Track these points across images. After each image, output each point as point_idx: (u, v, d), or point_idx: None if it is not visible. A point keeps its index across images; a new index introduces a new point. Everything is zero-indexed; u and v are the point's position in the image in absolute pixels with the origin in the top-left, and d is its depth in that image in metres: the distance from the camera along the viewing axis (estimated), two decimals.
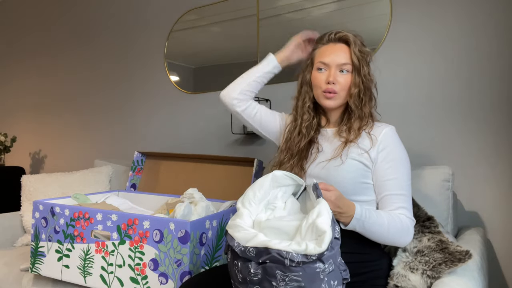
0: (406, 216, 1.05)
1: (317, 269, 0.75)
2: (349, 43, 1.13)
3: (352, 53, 1.12)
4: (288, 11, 1.96)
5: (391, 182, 1.07)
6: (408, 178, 1.10)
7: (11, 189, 2.60)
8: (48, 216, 1.40)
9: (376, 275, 1.05)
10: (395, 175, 1.08)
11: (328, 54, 1.14)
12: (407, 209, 1.07)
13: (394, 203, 1.06)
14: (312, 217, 0.82)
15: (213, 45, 2.20)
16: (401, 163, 1.09)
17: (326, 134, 1.19)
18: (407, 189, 1.08)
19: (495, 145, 1.52)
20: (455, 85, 1.59)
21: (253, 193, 0.94)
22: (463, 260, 0.98)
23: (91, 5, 2.78)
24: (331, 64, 1.13)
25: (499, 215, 1.51)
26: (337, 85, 1.12)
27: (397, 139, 1.13)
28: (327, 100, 1.14)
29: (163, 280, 1.17)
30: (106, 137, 2.67)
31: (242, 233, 0.84)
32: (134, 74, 2.54)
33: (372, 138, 1.11)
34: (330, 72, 1.12)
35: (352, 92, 1.12)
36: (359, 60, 1.12)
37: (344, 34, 1.14)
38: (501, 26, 1.52)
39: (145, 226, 1.20)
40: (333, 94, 1.12)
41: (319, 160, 1.14)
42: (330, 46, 1.15)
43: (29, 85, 3.15)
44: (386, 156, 1.09)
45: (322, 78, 1.14)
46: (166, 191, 1.84)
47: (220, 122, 2.18)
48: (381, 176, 1.08)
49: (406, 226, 1.04)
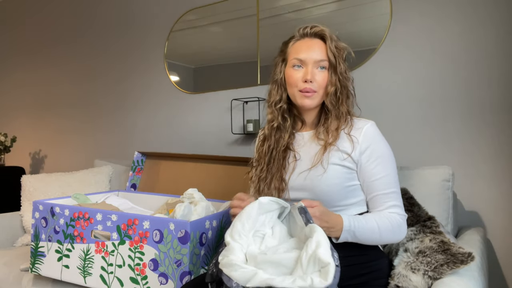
0: (398, 214, 1.04)
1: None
2: (325, 38, 1.07)
3: (328, 49, 1.06)
4: (288, 11, 1.96)
5: (380, 181, 1.04)
6: (395, 173, 1.06)
7: (11, 189, 2.60)
8: (48, 216, 1.40)
9: (376, 276, 1.05)
10: (382, 174, 1.04)
11: (304, 50, 1.06)
12: (398, 206, 1.05)
13: (385, 203, 1.04)
14: (312, 247, 0.79)
15: (213, 45, 2.20)
16: (386, 159, 1.06)
17: (303, 139, 1.13)
18: (396, 185, 1.06)
19: (495, 145, 1.52)
20: (455, 85, 1.59)
21: (242, 225, 0.90)
22: (465, 262, 0.98)
23: (91, 5, 2.78)
24: (307, 61, 1.06)
25: (499, 215, 1.51)
26: (314, 83, 1.05)
27: (378, 134, 1.07)
28: (305, 99, 1.06)
29: (163, 280, 1.17)
30: (106, 137, 2.67)
31: (240, 272, 0.78)
32: (134, 74, 2.54)
33: (352, 139, 1.05)
34: (307, 70, 1.05)
35: (329, 91, 1.06)
36: (335, 57, 1.06)
37: (320, 28, 1.08)
38: (501, 26, 1.52)
39: (145, 226, 1.20)
40: (311, 93, 1.06)
41: (299, 169, 1.08)
42: (306, 41, 1.08)
43: (29, 85, 3.15)
44: (370, 156, 1.05)
45: (298, 76, 1.06)
46: (166, 191, 1.84)
47: (220, 122, 2.18)
48: (369, 177, 1.05)
49: (397, 224, 1.02)
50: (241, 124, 2.09)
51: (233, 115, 2.11)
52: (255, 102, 2.03)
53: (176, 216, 1.24)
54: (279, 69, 1.12)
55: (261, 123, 2.01)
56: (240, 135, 2.10)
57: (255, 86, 2.05)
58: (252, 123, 1.97)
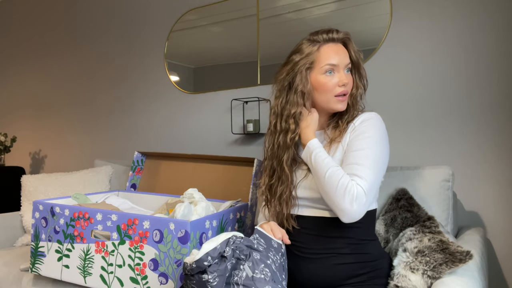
0: (355, 182, 0.95)
1: (203, 279, 0.86)
2: (347, 42, 1.10)
3: (351, 52, 1.09)
4: (288, 11, 1.96)
5: (356, 153, 0.99)
6: (379, 156, 0.99)
7: (11, 189, 2.60)
8: (48, 216, 1.40)
9: (376, 275, 1.05)
10: (362, 147, 0.99)
11: (333, 55, 1.06)
12: (362, 178, 0.96)
13: (351, 171, 0.97)
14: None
15: (213, 45, 2.20)
16: (374, 140, 1.00)
17: None
18: (373, 163, 0.98)
19: (495, 145, 1.52)
20: (455, 85, 1.59)
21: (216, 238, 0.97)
22: (463, 261, 0.98)
23: (91, 5, 2.78)
24: (340, 65, 1.06)
25: (499, 215, 1.51)
26: (347, 86, 1.08)
27: (376, 122, 1.04)
28: (340, 104, 1.07)
29: (163, 280, 1.17)
30: (106, 137, 2.67)
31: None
32: (134, 74, 2.54)
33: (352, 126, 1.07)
34: (341, 74, 1.06)
35: (354, 92, 1.10)
36: (358, 59, 1.10)
37: (345, 33, 1.09)
38: (501, 25, 1.52)
39: (145, 226, 1.20)
40: (345, 97, 1.08)
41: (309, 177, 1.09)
42: (331, 46, 1.07)
43: (29, 85, 3.15)
44: (359, 133, 1.03)
45: (334, 81, 1.05)
46: (166, 191, 1.84)
47: (220, 122, 2.18)
48: (349, 148, 1.02)
49: (344, 184, 0.94)
50: (241, 124, 2.09)
51: (233, 115, 2.11)
52: (255, 102, 2.04)
53: (176, 216, 1.24)
54: (303, 78, 1.07)
55: (261, 123, 2.01)
56: (240, 135, 2.10)
57: (255, 86, 2.05)
58: (252, 123, 1.97)
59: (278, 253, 1.02)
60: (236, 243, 0.92)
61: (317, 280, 1.04)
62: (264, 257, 0.95)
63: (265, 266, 0.93)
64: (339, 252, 1.04)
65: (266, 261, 0.95)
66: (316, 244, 1.06)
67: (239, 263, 0.92)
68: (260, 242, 1.00)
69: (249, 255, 0.93)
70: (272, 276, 0.93)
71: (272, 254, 0.99)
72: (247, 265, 0.91)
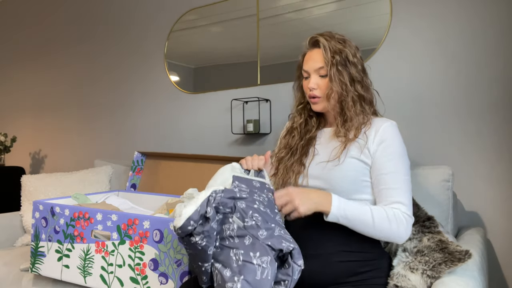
0: (400, 210, 1.02)
1: (191, 241, 0.88)
2: (320, 45, 1.12)
3: (323, 57, 1.11)
4: (288, 11, 1.96)
5: (388, 176, 1.05)
6: (407, 173, 1.07)
7: (11, 189, 2.60)
8: (48, 216, 1.40)
9: (376, 275, 1.05)
10: (392, 169, 1.06)
11: (306, 61, 1.16)
12: (403, 203, 1.03)
13: (389, 198, 1.04)
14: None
15: (213, 45, 2.20)
16: (399, 157, 1.08)
17: (325, 134, 1.20)
18: (405, 185, 1.06)
19: (495, 145, 1.52)
20: (455, 85, 1.59)
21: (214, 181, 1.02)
22: (463, 260, 0.98)
23: (91, 5, 2.78)
24: (310, 71, 1.15)
25: (499, 215, 1.51)
26: (318, 89, 1.14)
27: (397, 134, 1.12)
28: (313, 105, 1.17)
29: (163, 280, 1.17)
30: (106, 137, 2.67)
31: None
32: (134, 74, 2.54)
33: (371, 133, 1.10)
34: (310, 79, 1.15)
35: (331, 96, 1.12)
36: (333, 63, 1.10)
37: (315, 38, 1.14)
38: (501, 25, 1.52)
39: (145, 226, 1.20)
40: (316, 99, 1.15)
41: (318, 159, 1.14)
42: (309, 53, 1.17)
43: (29, 85, 3.15)
44: (384, 149, 1.08)
45: (306, 85, 1.17)
46: (166, 191, 1.84)
47: (220, 122, 2.18)
48: (378, 170, 1.07)
49: (394, 217, 1.01)
50: (241, 124, 2.09)
51: (233, 115, 2.11)
52: (255, 102, 2.04)
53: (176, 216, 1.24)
54: (298, 80, 1.24)
55: (261, 123, 2.01)
56: (240, 135, 2.10)
57: (255, 86, 2.05)
58: (252, 123, 1.97)
59: (262, 192, 1.01)
60: (217, 199, 0.91)
61: (317, 277, 1.04)
62: (250, 203, 0.94)
63: (253, 212, 0.92)
64: (340, 249, 1.04)
65: (253, 205, 0.93)
66: (317, 241, 1.06)
67: (227, 217, 0.92)
68: (242, 188, 0.99)
69: (234, 206, 0.92)
70: (264, 218, 0.92)
71: (257, 195, 0.98)
72: (235, 217, 0.91)
